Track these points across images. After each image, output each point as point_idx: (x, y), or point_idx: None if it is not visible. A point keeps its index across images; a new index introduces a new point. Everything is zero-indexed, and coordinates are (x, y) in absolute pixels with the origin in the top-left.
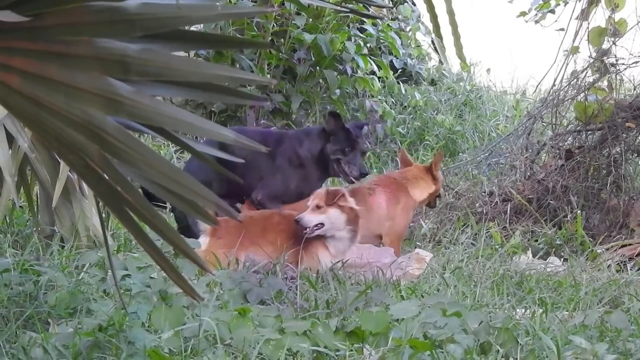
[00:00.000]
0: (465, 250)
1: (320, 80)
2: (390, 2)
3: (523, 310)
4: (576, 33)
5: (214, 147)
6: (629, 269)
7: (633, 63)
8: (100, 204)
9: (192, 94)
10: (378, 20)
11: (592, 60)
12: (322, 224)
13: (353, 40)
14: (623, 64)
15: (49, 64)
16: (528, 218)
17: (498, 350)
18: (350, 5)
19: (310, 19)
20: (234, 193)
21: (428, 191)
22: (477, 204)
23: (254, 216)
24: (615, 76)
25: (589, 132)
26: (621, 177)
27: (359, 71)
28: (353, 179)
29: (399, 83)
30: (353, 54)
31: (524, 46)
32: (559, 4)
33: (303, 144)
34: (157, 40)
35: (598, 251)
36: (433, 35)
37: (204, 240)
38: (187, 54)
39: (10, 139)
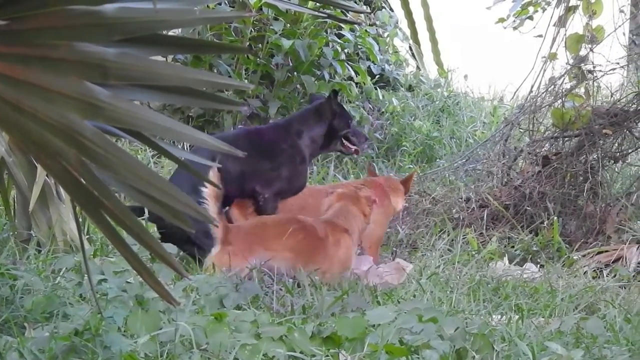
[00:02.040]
0: (442, 256)
1: (298, 86)
2: (368, 8)
3: (499, 316)
4: (554, 40)
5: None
6: (605, 275)
7: (610, 70)
8: (77, 208)
9: (170, 98)
10: (356, 25)
11: (569, 67)
12: None
13: (331, 46)
14: (600, 70)
15: (27, 67)
16: (505, 224)
17: (474, 356)
18: (328, 11)
19: (288, 25)
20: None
21: (403, 203)
22: (454, 210)
23: (268, 222)
24: (593, 83)
25: (566, 139)
26: (598, 184)
27: (336, 77)
28: (360, 150)
29: (376, 89)
30: (331, 59)
31: (502, 53)
32: (537, 11)
33: (302, 135)
34: (136, 45)
35: (574, 258)
36: (411, 41)
37: (214, 249)
38: (165, 59)
39: None
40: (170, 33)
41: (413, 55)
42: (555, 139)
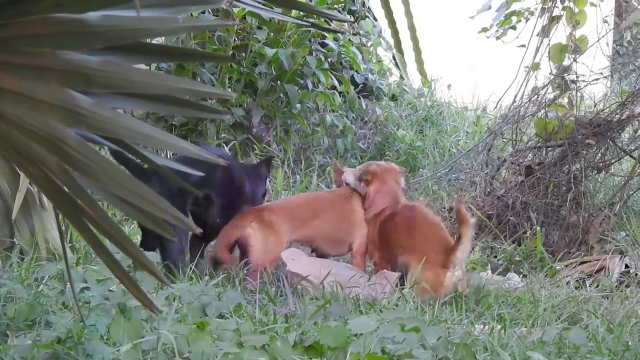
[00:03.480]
0: None
1: (281, 95)
2: (352, 17)
3: (482, 326)
4: (537, 49)
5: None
6: (587, 285)
7: (593, 80)
8: (60, 216)
9: (153, 106)
10: (339, 34)
11: (552, 77)
12: None
13: (314, 55)
14: (584, 80)
15: (10, 75)
16: (488, 234)
17: None
18: (311, 20)
19: (272, 33)
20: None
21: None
22: None
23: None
24: (576, 93)
25: (549, 149)
26: (581, 194)
27: (320, 86)
28: None
29: (359, 98)
30: (314, 68)
31: (485, 62)
32: (520, 21)
33: (257, 184)
34: (118, 53)
35: (557, 268)
36: (394, 51)
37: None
38: (148, 67)
39: None
40: (154, 41)
41: (396, 64)
42: (538, 149)
